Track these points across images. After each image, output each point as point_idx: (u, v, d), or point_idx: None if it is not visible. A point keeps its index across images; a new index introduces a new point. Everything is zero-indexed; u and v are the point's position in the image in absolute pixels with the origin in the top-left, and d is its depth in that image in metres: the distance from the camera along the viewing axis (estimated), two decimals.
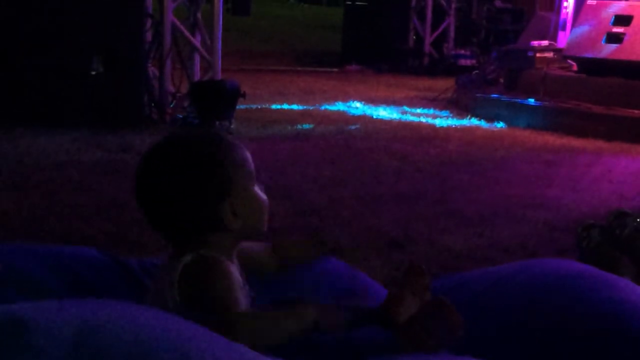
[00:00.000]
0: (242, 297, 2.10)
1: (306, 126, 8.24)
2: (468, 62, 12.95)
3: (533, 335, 2.43)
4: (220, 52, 8.52)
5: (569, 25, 10.00)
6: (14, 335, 1.61)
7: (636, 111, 8.16)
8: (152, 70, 8.14)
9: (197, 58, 8.54)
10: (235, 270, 2.13)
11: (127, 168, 2.40)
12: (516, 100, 9.05)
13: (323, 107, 9.57)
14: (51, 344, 1.61)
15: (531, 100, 8.91)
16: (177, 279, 2.05)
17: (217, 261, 2.08)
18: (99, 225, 4.43)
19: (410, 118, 9.05)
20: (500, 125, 8.69)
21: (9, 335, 1.61)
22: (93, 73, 7.60)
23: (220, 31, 8.56)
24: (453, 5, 14.53)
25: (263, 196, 2.18)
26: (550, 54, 9.87)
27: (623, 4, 9.14)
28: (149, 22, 8.08)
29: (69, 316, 1.69)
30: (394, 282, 2.37)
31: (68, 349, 1.62)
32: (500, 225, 4.83)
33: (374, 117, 9.08)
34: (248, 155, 2.17)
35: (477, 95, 9.62)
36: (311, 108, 9.46)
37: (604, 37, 8.69)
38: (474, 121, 8.91)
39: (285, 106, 9.50)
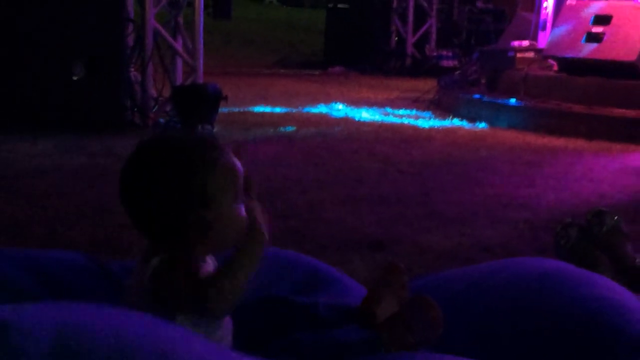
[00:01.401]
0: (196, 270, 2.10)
1: (289, 129, 8.25)
2: (450, 63, 12.99)
3: (513, 333, 2.44)
4: (202, 55, 8.54)
5: (549, 25, 10.04)
6: None
7: (616, 110, 8.20)
8: (134, 74, 8.13)
9: (179, 62, 8.56)
10: (208, 267, 2.13)
11: (110, 172, 2.39)
12: (498, 100, 9.09)
13: (306, 110, 9.58)
14: (31, 344, 1.62)
15: (512, 101, 8.93)
16: (151, 277, 2.06)
17: (179, 263, 2.08)
18: (82, 230, 4.42)
19: (393, 119, 9.07)
20: (482, 125, 8.72)
21: None
22: (75, 78, 7.60)
23: (202, 35, 8.57)
24: (434, 7, 14.57)
25: (243, 215, 2.15)
26: (531, 54, 9.92)
27: (602, 3, 9.18)
28: (130, 27, 8.07)
29: (49, 318, 1.70)
30: (372, 281, 2.38)
31: (48, 349, 1.63)
32: (481, 225, 4.84)
33: (357, 119, 9.09)
34: (237, 165, 2.13)
35: (459, 95, 9.65)
36: (294, 111, 9.47)
37: (584, 37, 8.73)
38: (456, 122, 8.93)
39: (268, 109, 9.51)
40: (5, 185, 5.36)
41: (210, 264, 2.14)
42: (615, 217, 3.07)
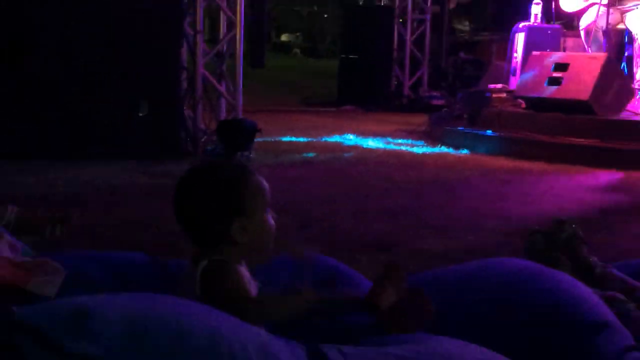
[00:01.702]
0: (250, 288, 2.11)
1: (310, 154, 8.25)
2: (439, 102, 12.95)
3: (492, 318, 2.43)
4: (241, 96, 8.55)
5: (518, 71, 10.05)
6: (78, 321, 1.63)
7: (573, 139, 8.20)
8: (187, 111, 8.16)
9: (223, 102, 8.57)
10: (243, 270, 2.15)
11: (167, 190, 2.41)
12: (477, 131, 9.07)
13: (323, 139, 9.57)
14: (106, 327, 1.63)
15: (489, 132, 8.92)
16: (198, 279, 2.08)
17: (225, 265, 2.10)
18: (144, 235, 4.45)
19: (393, 147, 9.04)
20: (464, 151, 8.68)
21: (74, 321, 1.63)
22: (140, 114, 7.63)
23: (241, 80, 8.57)
24: (426, 57, 14.53)
25: (272, 223, 2.18)
26: (503, 95, 9.90)
27: (561, 54, 9.20)
28: (184, 74, 8.10)
29: (120, 306, 1.71)
30: (376, 276, 2.37)
31: (120, 332, 1.63)
32: (465, 232, 4.84)
33: (364, 146, 9.08)
34: (265, 184, 2.18)
35: (446, 128, 9.64)
36: (314, 140, 9.46)
37: (546, 81, 8.72)
38: (444, 149, 8.89)
39: (294, 139, 9.50)
40: (84, 199, 5.40)
41: (245, 272, 2.16)
42: (573, 225, 3.07)
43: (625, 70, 9.26)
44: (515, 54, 10.56)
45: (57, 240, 4.07)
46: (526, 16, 10.77)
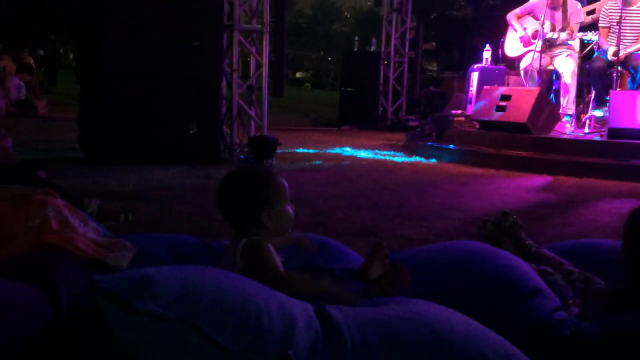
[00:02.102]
0: (278, 261, 2.13)
1: (317, 162, 8.24)
2: (414, 123, 12.94)
3: (454, 286, 2.43)
4: (266, 118, 8.55)
5: (473, 101, 10.02)
6: (144, 286, 1.62)
7: (514, 152, 8.19)
8: (226, 129, 8.15)
9: (252, 122, 8.57)
10: (271, 247, 2.16)
11: (211, 188, 2.36)
12: (442, 145, 9.06)
13: (327, 151, 9.56)
14: (165, 291, 1.63)
15: (451, 146, 8.90)
16: (239, 253, 2.08)
17: (261, 242, 2.11)
18: (194, 222, 4.45)
19: (379, 157, 9.03)
20: (433, 160, 8.67)
21: (141, 286, 1.62)
22: (191, 132, 7.64)
23: (266, 106, 8.58)
24: (405, 89, 14.53)
25: (291, 212, 2.21)
26: (462, 118, 9.88)
27: (505, 88, 9.17)
28: (223, 102, 8.10)
29: (177, 275, 1.70)
30: (367, 254, 2.37)
31: (175, 295, 1.63)
32: (433, 221, 4.83)
33: (358, 156, 9.05)
34: (285, 183, 2.21)
35: (419, 143, 9.62)
36: (320, 152, 9.46)
37: (494, 108, 8.71)
38: (417, 158, 8.88)
39: (305, 150, 9.50)
40: (148, 196, 5.39)
41: (272, 248, 2.17)
42: (514, 216, 3.06)
43: (554, 100, 9.23)
44: (471, 88, 10.54)
45: (128, 226, 4.10)
46: (479, 60, 10.74)
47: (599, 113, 8.81)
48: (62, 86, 19.16)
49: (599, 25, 8.94)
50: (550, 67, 9.18)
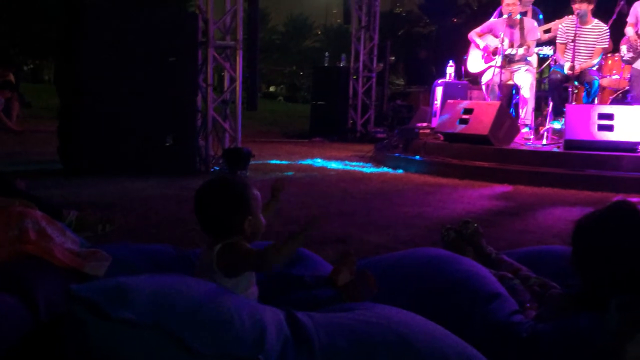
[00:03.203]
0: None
1: (289, 173, 8.22)
2: (382, 135, 12.98)
3: (419, 292, 2.44)
4: (240, 130, 8.52)
5: (437, 114, 10.10)
6: (118, 295, 1.62)
7: (476, 162, 8.24)
8: (201, 142, 8.12)
9: (227, 135, 8.54)
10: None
11: (186, 199, 2.33)
12: (409, 157, 9.09)
13: (299, 162, 9.56)
14: (138, 298, 1.62)
15: (417, 157, 8.95)
16: (215, 256, 2.07)
17: (235, 243, 2.11)
18: (170, 231, 4.41)
19: (349, 168, 9.05)
20: (400, 171, 8.71)
21: (115, 294, 1.62)
22: (167, 144, 7.60)
23: (240, 119, 8.55)
24: (373, 103, 14.61)
25: (264, 220, 2.20)
26: (427, 131, 9.96)
27: (468, 102, 9.24)
28: (199, 115, 8.07)
29: (151, 283, 1.70)
30: (336, 261, 2.37)
31: (147, 299, 1.63)
32: (399, 229, 4.83)
33: (328, 167, 9.06)
34: (258, 193, 2.20)
35: (387, 154, 9.66)
36: (292, 163, 9.45)
37: (458, 121, 8.77)
38: (385, 169, 8.92)
39: (278, 162, 9.48)
40: (125, 206, 5.34)
41: None
42: (475, 224, 3.09)
43: (513, 113, 9.33)
44: (435, 102, 10.63)
45: (105, 236, 4.06)
46: (443, 75, 10.85)
47: (557, 125, 8.95)
48: (42, 100, 18.94)
49: (557, 41, 9.09)
50: (510, 82, 9.29)
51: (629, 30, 8.73)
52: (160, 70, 7.49)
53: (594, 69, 8.97)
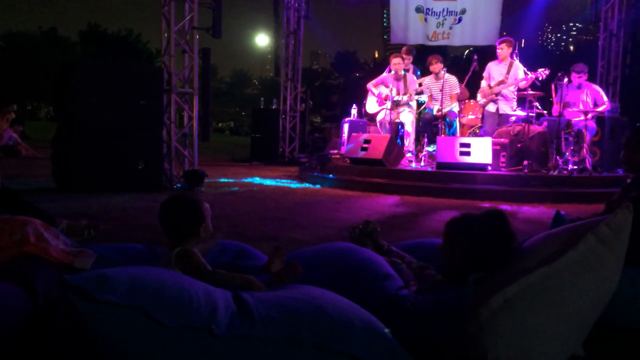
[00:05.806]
0: (205, 262, 2.10)
1: (235, 188, 8.13)
2: (304, 160, 13.05)
3: (332, 275, 2.45)
4: (197, 157, 8.40)
5: (345, 143, 10.21)
6: (102, 282, 1.59)
7: (374, 179, 8.35)
8: (166, 165, 7.95)
9: (186, 160, 8.40)
10: (198, 252, 2.13)
11: (156, 209, 2.29)
12: (324, 175, 9.13)
13: (242, 180, 9.46)
14: (119, 284, 1.59)
15: (331, 175, 9.01)
16: (173, 259, 2.04)
17: (190, 250, 2.08)
18: (143, 234, 4.31)
19: (280, 184, 9.02)
20: (318, 186, 8.75)
21: (100, 282, 1.59)
22: (139, 167, 7.41)
23: (197, 147, 8.44)
24: (297, 135, 14.66)
25: (211, 226, 2.18)
26: (338, 156, 10.05)
27: (367, 135, 9.37)
28: (164, 145, 7.91)
29: (127, 273, 1.67)
30: (270, 253, 2.37)
31: (125, 287, 1.60)
32: (318, 229, 4.87)
33: (265, 184, 9.00)
34: (208, 206, 2.19)
35: (308, 173, 9.68)
36: (237, 180, 9.35)
37: (360, 148, 8.90)
38: (307, 185, 8.94)
39: (225, 180, 9.36)
40: (107, 215, 5.19)
41: (198, 252, 2.15)
42: (374, 224, 3.12)
43: (400, 143, 9.55)
44: (343, 134, 10.75)
45: (90, 239, 3.93)
46: (349, 114, 11.00)
47: (431, 148, 9.22)
48: (38, 133, 18.14)
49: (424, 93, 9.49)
50: (397, 120, 9.53)
51: (483, 83, 9.19)
52: (134, 110, 7.34)
53: (455, 111, 9.34)
